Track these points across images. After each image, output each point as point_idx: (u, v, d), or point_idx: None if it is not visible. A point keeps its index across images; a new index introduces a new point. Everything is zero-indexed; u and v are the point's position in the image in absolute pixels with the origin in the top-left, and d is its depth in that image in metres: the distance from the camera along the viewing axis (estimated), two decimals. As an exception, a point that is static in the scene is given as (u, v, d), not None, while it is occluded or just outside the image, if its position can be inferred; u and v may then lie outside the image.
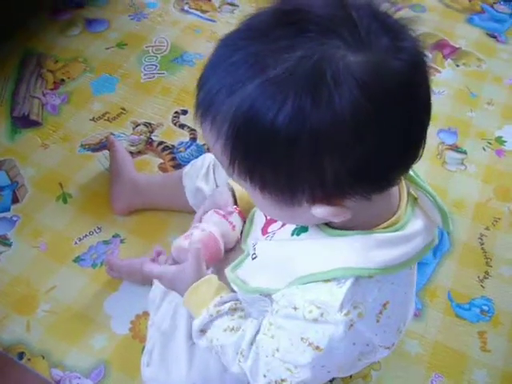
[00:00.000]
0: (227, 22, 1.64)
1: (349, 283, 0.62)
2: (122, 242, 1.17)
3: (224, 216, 0.91)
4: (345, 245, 0.64)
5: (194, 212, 1.00)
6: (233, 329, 0.77)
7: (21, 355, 1.02)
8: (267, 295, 0.73)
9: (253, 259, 0.75)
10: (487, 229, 1.24)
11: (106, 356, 1.03)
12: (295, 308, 0.66)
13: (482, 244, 1.21)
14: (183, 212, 1.16)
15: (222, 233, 0.90)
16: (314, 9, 0.53)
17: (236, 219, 0.92)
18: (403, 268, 0.66)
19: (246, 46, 0.53)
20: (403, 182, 0.70)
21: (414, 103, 0.55)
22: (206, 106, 0.56)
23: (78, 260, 1.14)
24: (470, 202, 1.28)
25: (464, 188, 1.31)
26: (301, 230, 0.71)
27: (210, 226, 0.90)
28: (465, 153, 1.37)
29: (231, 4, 1.70)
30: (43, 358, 1.02)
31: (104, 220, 1.20)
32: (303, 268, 0.66)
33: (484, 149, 1.39)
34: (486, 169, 1.35)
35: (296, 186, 0.56)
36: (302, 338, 0.66)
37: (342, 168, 0.54)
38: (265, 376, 0.73)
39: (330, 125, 0.51)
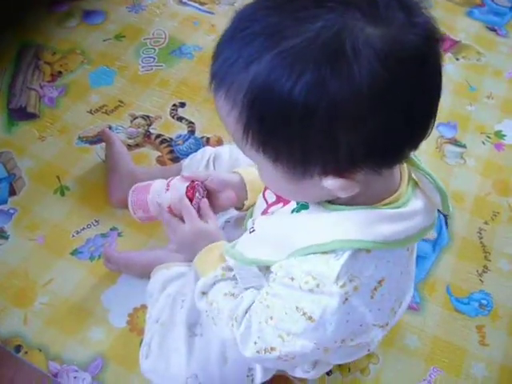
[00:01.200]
0: (226, 15, 1.62)
1: (346, 255, 0.63)
2: (119, 235, 1.16)
3: (172, 178, 0.97)
4: (345, 218, 0.65)
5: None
6: (233, 294, 0.78)
7: (18, 348, 1.02)
8: (265, 268, 0.73)
9: (250, 232, 0.76)
10: (486, 223, 1.24)
11: (104, 349, 1.02)
12: (292, 278, 0.66)
13: (481, 238, 1.21)
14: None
15: (155, 188, 0.97)
16: None
17: (178, 187, 0.94)
18: (402, 245, 0.67)
19: (264, 16, 0.54)
20: (404, 164, 0.70)
21: (427, 77, 0.56)
22: (221, 76, 0.57)
23: (75, 253, 1.13)
24: (469, 195, 1.28)
25: (463, 182, 1.31)
26: (301, 207, 0.71)
27: (157, 180, 1.00)
28: (464, 147, 1.37)
29: (230, -4, 1.69)
30: (40, 350, 1.01)
31: (102, 213, 1.19)
32: (302, 240, 0.67)
33: (483, 143, 1.39)
34: (486, 163, 1.35)
35: (309, 157, 0.56)
36: (296, 308, 0.67)
37: (357, 140, 0.54)
38: (255, 343, 0.74)
39: (349, 95, 0.51)
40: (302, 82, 0.51)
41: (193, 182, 0.94)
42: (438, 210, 0.73)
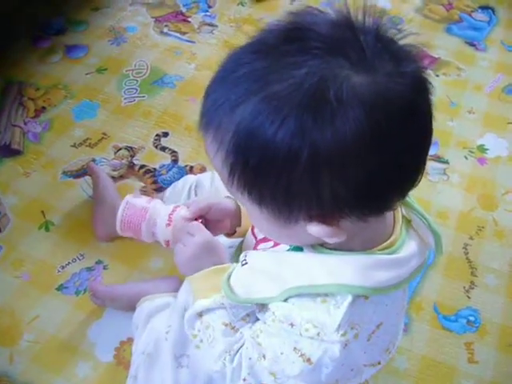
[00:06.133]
0: (206, 43, 1.65)
1: (346, 304, 0.62)
2: (105, 268, 1.16)
3: (175, 209, 0.89)
4: (341, 262, 0.64)
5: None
6: (233, 328, 0.76)
7: (4, 388, 1.01)
8: (260, 305, 0.72)
9: (242, 265, 0.74)
10: (471, 238, 1.24)
11: (91, 384, 1.02)
12: (292, 325, 0.66)
13: (467, 254, 1.21)
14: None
15: (153, 218, 0.90)
16: (322, 28, 0.55)
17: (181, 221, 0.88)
18: (396, 289, 0.66)
19: (252, 60, 0.55)
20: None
21: (414, 127, 0.55)
22: (210, 116, 0.58)
23: (61, 288, 1.13)
24: (454, 211, 1.28)
25: (447, 198, 1.31)
26: (295, 249, 0.70)
27: (155, 205, 0.92)
28: (447, 163, 1.38)
29: (210, 24, 1.71)
30: (27, 389, 1.01)
31: (87, 247, 1.20)
32: (296, 278, 0.66)
33: (466, 158, 1.39)
34: (469, 178, 1.35)
35: (293, 202, 0.56)
36: (294, 348, 0.66)
37: (340, 188, 0.54)
38: (244, 380, 0.73)
39: (331, 144, 0.51)
40: (284, 129, 0.51)
41: (195, 219, 0.90)
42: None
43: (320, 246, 0.66)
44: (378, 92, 0.52)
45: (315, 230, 0.58)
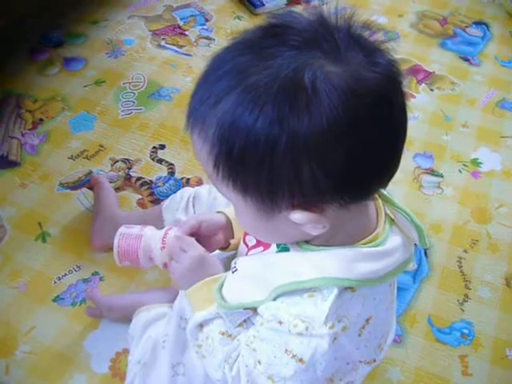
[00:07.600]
0: (203, 56, 1.66)
1: (333, 296, 0.64)
2: (101, 279, 1.17)
3: (167, 232, 0.90)
4: (326, 256, 0.66)
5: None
6: (230, 335, 0.77)
7: (0, 399, 1.01)
8: (251, 309, 0.73)
9: (233, 273, 0.76)
10: (465, 251, 1.25)
11: (86, 396, 1.02)
12: (280, 322, 0.67)
13: (461, 267, 1.22)
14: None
15: (148, 243, 0.90)
16: (299, 25, 0.58)
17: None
18: (382, 282, 0.68)
19: (234, 57, 0.58)
20: (380, 202, 0.72)
21: (389, 114, 0.58)
22: (195, 114, 0.60)
23: (57, 299, 1.13)
24: (448, 225, 1.29)
25: (441, 211, 1.32)
26: (282, 249, 0.72)
27: (148, 231, 0.92)
28: (441, 176, 1.39)
29: (207, 38, 1.73)
30: (23, 401, 1.01)
31: (83, 258, 1.20)
32: (282, 277, 0.67)
33: (460, 171, 1.41)
34: (463, 191, 1.36)
35: (276, 189, 0.58)
36: (285, 350, 0.67)
37: (320, 173, 0.56)
38: None
39: (307, 130, 0.54)
40: (263, 117, 0.54)
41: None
42: (416, 245, 0.74)
43: (305, 244, 0.68)
44: (351, 79, 0.54)
45: (298, 217, 0.60)
